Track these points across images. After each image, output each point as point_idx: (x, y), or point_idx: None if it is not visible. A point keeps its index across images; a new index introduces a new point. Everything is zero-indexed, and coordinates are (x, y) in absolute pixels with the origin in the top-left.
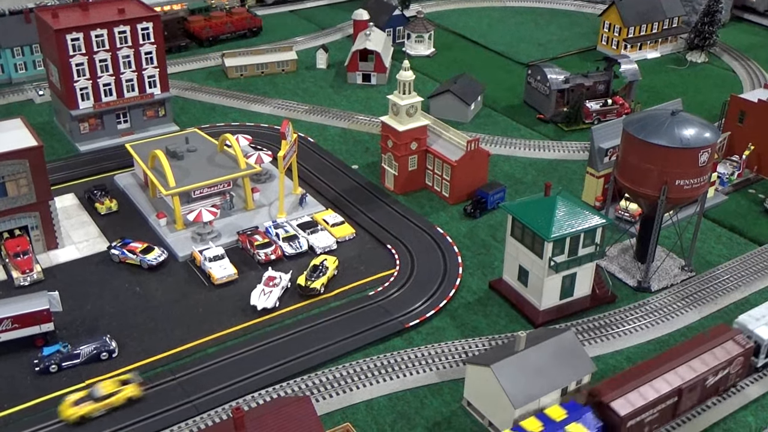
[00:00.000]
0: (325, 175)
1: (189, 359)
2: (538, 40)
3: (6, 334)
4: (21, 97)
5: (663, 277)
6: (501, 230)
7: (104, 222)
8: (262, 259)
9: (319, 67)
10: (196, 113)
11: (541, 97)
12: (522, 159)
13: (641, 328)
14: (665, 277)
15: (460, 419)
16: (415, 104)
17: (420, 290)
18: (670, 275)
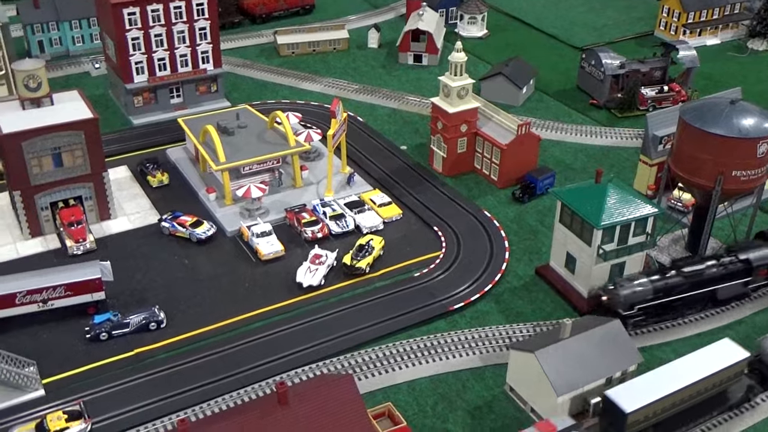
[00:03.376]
0: (373, 155)
1: (235, 333)
2: (594, 24)
3: (59, 301)
4: (78, 70)
5: None
6: (549, 216)
7: (155, 195)
8: (308, 237)
9: (370, 47)
10: (247, 90)
11: (595, 82)
12: (573, 144)
13: (690, 320)
14: None
15: (502, 404)
16: (467, 86)
17: (465, 273)
18: None
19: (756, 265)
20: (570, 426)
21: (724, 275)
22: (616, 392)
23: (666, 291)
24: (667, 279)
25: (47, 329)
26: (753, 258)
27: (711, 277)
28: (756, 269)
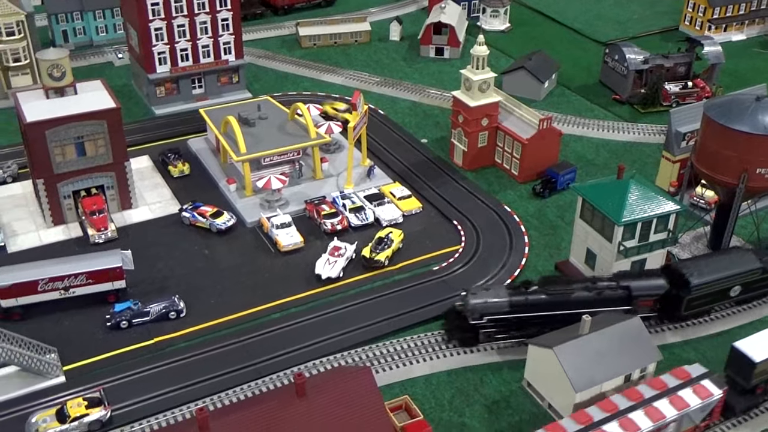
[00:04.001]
0: (393, 148)
1: (253, 323)
2: (618, 19)
3: (80, 289)
4: (101, 60)
5: None
6: (570, 211)
7: (176, 185)
8: (328, 229)
9: (392, 39)
10: (268, 81)
11: (618, 78)
12: (594, 140)
13: (711, 319)
14: None
15: (519, 399)
16: (488, 80)
17: (484, 267)
18: None
19: (636, 295)
20: (704, 373)
21: (600, 300)
22: (744, 343)
23: (525, 307)
24: (527, 295)
25: (68, 317)
26: (634, 286)
27: (582, 300)
28: (636, 299)
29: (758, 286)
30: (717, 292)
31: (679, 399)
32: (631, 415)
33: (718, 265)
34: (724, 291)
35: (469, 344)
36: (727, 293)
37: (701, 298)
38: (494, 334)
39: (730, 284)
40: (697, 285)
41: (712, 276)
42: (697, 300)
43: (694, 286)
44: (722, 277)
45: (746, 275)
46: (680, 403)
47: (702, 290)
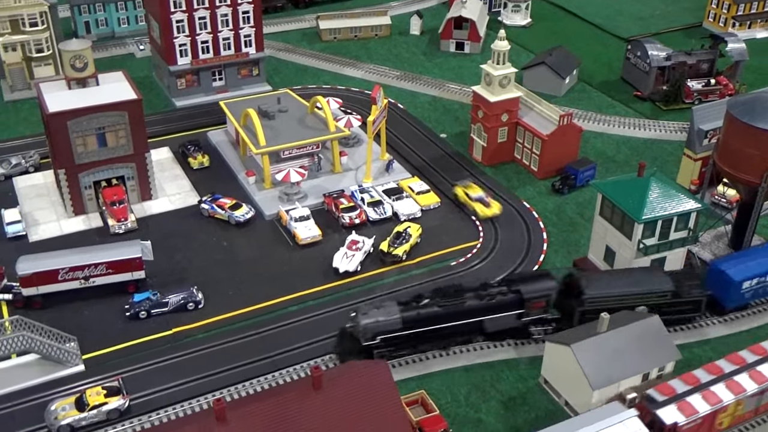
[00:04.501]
0: (413, 143)
1: (271, 316)
2: (640, 14)
3: (100, 279)
4: (123, 51)
5: None
6: (589, 208)
7: (196, 176)
8: (346, 223)
9: (412, 33)
10: (288, 74)
11: (640, 74)
12: (615, 137)
13: (731, 318)
14: None
15: (536, 396)
16: (509, 75)
17: (502, 263)
18: None
19: (527, 298)
20: None
21: (493, 306)
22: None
23: (418, 321)
24: (419, 309)
25: (88, 306)
26: (524, 290)
27: (475, 308)
28: (528, 302)
29: (670, 310)
30: (616, 309)
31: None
32: (737, 377)
33: (625, 281)
34: (626, 309)
35: None
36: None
37: (596, 312)
38: (389, 354)
39: (632, 303)
40: (591, 298)
41: (610, 291)
42: (591, 313)
43: (587, 298)
44: (621, 294)
45: (653, 296)
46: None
47: (596, 304)
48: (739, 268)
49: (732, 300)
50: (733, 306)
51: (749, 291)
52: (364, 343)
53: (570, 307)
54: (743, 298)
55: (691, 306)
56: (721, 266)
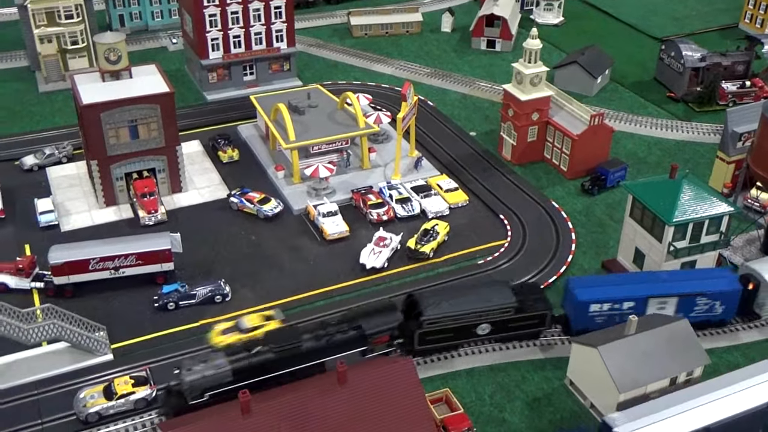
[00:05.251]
0: (442, 140)
1: (298, 310)
2: (674, 14)
3: (130, 269)
4: (156, 44)
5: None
6: (619, 209)
7: (225, 170)
8: (374, 219)
9: (443, 30)
10: (319, 69)
11: (674, 75)
12: (647, 138)
13: (763, 323)
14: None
15: (561, 398)
16: (540, 74)
17: (530, 263)
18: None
19: (370, 334)
20: None
21: (333, 346)
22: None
23: (250, 371)
24: (251, 357)
25: (118, 296)
26: (366, 326)
27: (314, 349)
28: (371, 337)
29: (515, 326)
30: (459, 328)
31: None
32: None
33: (466, 299)
34: (469, 327)
35: None
36: (472, 330)
37: (437, 334)
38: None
39: (475, 321)
40: (430, 319)
41: (450, 310)
42: (432, 335)
43: (426, 320)
44: (462, 312)
45: (496, 312)
46: None
47: (437, 325)
48: (589, 289)
49: (578, 322)
50: (580, 328)
51: (599, 315)
52: (192, 402)
53: (410, 330)
54: (592, 321)
55: (536, 321)
56: (572, 285)
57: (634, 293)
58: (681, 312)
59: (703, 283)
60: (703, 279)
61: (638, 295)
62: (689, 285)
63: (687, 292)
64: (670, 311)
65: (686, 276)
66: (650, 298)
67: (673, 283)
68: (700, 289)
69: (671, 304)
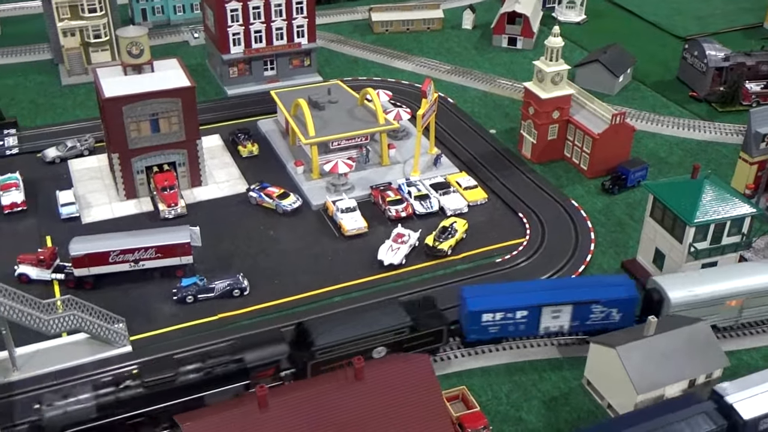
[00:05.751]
0: (461, 137)
1: (315, 305)
2: (698, 13)
3: (149, 262)
4: (177, 39)
5: None
6: (639, 209)
7: (245, 165)
8: (392, 215)
9: (464, 27)
10: (339, 65)
11: (697, 74)
12: (668, 137)
13: None
14: None
15: (578, 397)
16: (562, 72)
17: (548, 262)
18: None
19: (252, 367)
20: None
21: (213, 380)
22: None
23: (118, 406)
24: (118, 392)
25: (137, 288)
26: (248, 359)
27: (190, 383)
28: (254, 371)
29: (412, 345)
30: (353, 354)
31: None
32: None
33: (358, 323)
34: (364, 353)
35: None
36: (368, 355)
37: (331, 362)
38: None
39: (369, 345)
40: (322, 348)
41: (342, 336)
42: (326, 364)
43: (317, 350)
44: (355, 337)
45: (391, 334)
46: None
47: (329, 353)
48: (482, 299)
49: (472, 332)
50: (474, 338)
51: (493, 325)
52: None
53: (302, 361)
54: (486, 332)
55: (432, 338)
56: (465, 294)
57: (527, 302)
58: (577, 320)
59: (598, 291)
60: (599, 286)
61: (531, 304)
62: (584, 293)
63: (582, 300)
64: (565, 320)
65: (582, 283)
66: (544, 306)
67: (568, 290)
68: (596, 297)
69: (566, 312)
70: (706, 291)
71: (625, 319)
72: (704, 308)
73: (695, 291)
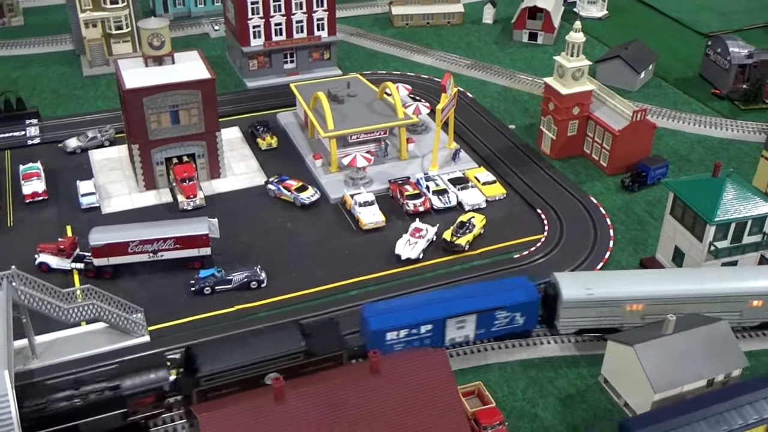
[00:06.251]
0: (480, 132)
1: (331, 299)
2: (721, 9)
3: (168, 253)
4: (198, 31)
5: None
6: (659, 207)
7: (264, 157)
8: (410, 210)
9: (485, 22)
10: (359, 59)
11: (719, 71)
12: (690, 135)
13: None
14: None
15: (595, 395)
16: (583, 68)
17: (567, 259)
18: None
19: (129, 394)
20: None
21: (87, 407)
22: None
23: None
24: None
25: (155, 279)
26: (125, 386)
27: (60, 412)
28: (131, 398)
29: (308, 371)
30: (244, 380)
31: None
32: None
33: (249, 347)
34: (256, 379)
35: None
36: (260, 381)
37: (219, 389)
38: None
39: (261, 371)
40: (207, 375)
41: (231, 363)
42: (213, 391)
43: (202, 377)
44: (245, 364)
45: (284, 359)
46: None
47: (215, 381)
48: (384, 317)
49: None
50: None
51: (398, 342)
52: None
53: (188, 387)
54: (392, 350)
55: (330, 363)
56: (366, 313)
57: (430, 316)
58: (482, 328)
59: (500, 297)
60: (501, 292)
61: (435, 317)
62: (487, 300)
63: (485, 307)
64: (470, 329)
65: (483, 291)
66: (448, 318)
67: (470, 299)
68: (499, 303)
69: (470, 321)
70: (604, 292)
71: (529, 321)
72: (598, 308)
73: (593, 291)
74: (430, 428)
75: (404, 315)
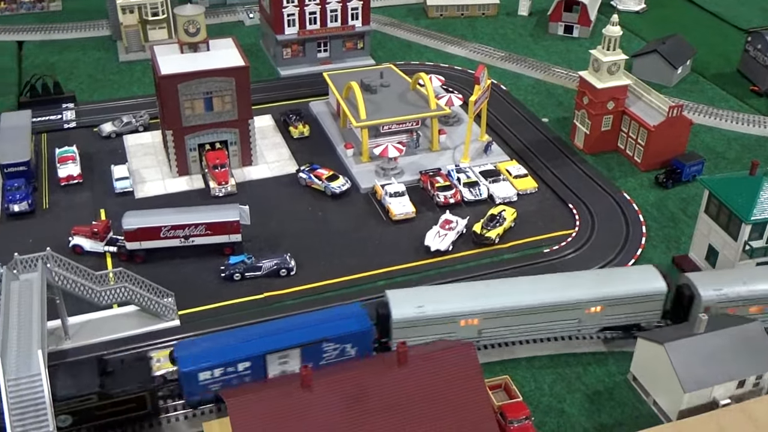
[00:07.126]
0: (513, 125)
1: (360, 288)
2: (762, 5)
3: (199, 239)
4: (233, 18)
5: None
6: (693, 204)
7: (295, 145)
8: (441, 201)
9: (520, 14)
10: (392, 49)
11: (759, 68)
12: (726, 132)
13: None
14: None
15: (623, 393)
16: (619, 62)
17: (597, 255)
18: None
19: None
20: None
21: None
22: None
23: None
24: None
25: (186, 264)
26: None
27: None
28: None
29: (104, 413)
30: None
31: None
32: None
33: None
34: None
35: None
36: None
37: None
38: None
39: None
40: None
41: None
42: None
43: None
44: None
45: (75, 402)
46: None
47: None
48: (196, 356)
49: (191, 392)
50: (195, 399)
51: (214, 382)
52: None
53: None
54: (207, 390)
55: (133, 404)
56: (177, 352)
57: (248, 352)
58: (309, 361)
59: (326, 327)
60: (327, 322)
61: (253, 354)
62: (311, 332)
63: (309, 341)
64: (295, 364)
65: (308, 322)
66: (268, 354)
67: (293, 333)
68: (324, 335)
69: (294, 356)
70: (435, 309)
71: (361, 351)
72: (431, 326)
73: (424, 308)
74: (456, 421)
75: (219, 352)
